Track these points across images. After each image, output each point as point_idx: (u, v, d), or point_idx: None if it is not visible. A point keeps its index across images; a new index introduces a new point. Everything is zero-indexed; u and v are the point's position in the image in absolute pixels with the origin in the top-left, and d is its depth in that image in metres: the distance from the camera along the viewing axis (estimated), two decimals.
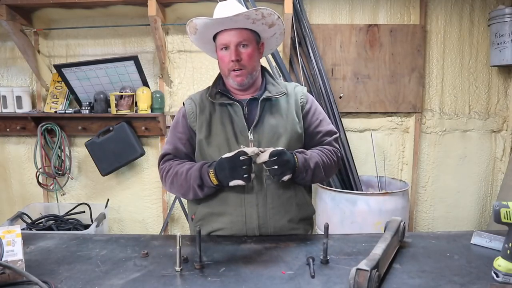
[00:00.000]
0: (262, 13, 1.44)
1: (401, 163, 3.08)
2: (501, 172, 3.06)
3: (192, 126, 1.57)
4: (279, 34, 1.58)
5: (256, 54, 1.52)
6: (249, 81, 1.52)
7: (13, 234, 1.16)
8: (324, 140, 1.60)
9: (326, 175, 1.56)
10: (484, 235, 1.40)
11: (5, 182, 3.19)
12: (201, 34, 1.52)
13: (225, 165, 1.38)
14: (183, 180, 1.48)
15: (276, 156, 1.35)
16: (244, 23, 1.46)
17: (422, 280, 1.15)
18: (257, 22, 1.47)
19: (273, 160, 1.35)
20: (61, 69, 2.77)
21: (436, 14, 2.92)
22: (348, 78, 2.93)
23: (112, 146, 2.87)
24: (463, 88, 3.01)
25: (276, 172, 1.37)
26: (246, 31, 1.48)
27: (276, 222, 1.52)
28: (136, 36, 2.99)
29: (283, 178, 1.39)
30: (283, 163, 1.37)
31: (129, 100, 2.82)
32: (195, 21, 1.47)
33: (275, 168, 1.36)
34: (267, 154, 1.35)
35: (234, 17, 1.42)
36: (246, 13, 1.42)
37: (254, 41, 1.51)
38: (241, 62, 1.47)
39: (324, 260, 1.27)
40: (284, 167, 1.38)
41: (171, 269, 1.23)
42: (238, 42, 1.46)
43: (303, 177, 1.47)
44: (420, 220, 3.13)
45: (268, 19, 1.48)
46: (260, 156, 1.36)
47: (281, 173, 1.38)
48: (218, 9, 1.53)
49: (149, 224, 3.17)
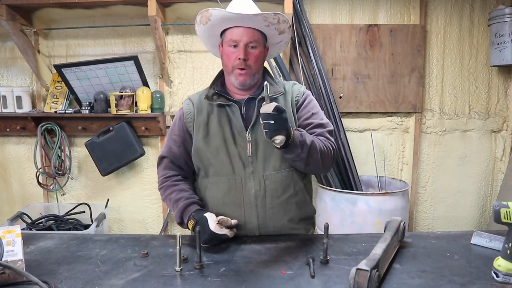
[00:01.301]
0: (279, 18, 1.46)
1: (401, 163, 3.08)
2: (501, 172, 3.06)
3: (188, 127, 1.56)
4: (284, 43, 1.60)
5: (262, 57, 1.52)
6: (251, 82, 1.51)
7: (13, 234, 1.16)
8: (314, 132, 1.52)
9: (322, 161, 1.45)
10: (484, 235, 1.40)
11: (5, 182, 3.19)
12: (212, 26, 1.50)
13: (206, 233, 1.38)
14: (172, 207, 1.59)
15: (277, 111, 1.27)
16: (260, 24, 1.46)
17: (422, 280, 1.15)
18: (271, 26, 1.48)
19: (272, 115, 1.26)
20: (61, 69, 2.77)
21: (436, 14, 2.92)
22: (348, 78, 2.93)
23: (112, 146, 2.87)
24: (463, 88, 3.00)
25: (270, 128, 1.26)
26: (258, 33, 1.48)
27: (276, 222, 1.52)
28: (136, 36, 2.99)
29: (276, 137, 1.27)
30: (280, 121, 1.27)
31: (129, 100, 2.82)
32: (211, 11, 1.45)
33: (271, 123, 1.26)
34: (273, 106, 1.27)
35: (253, 16, 1.42)
36: (266, 15, 1.43)
37: (262, 43, 1.51)
38: (247, 62, 1.47)
39: (324, 260, 1.27)
40: (280, 125, 1.27)
41: (171, 269, 1.23)
42: (248, 42, 1.46)
43: (298, 153, 1.37)
44: (420, 220, 3.13)
45: (282, 25, 1.49)
46: (265, 106, 1.28)
47: (274, 130, 1.26)
48: (234, 4, 1.52)
49: (149, 224, 3.17)
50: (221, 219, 1.41)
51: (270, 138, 1.28)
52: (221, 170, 1.50)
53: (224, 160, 1.50)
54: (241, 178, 1.49)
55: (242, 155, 1.49)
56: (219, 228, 1.38)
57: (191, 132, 1.56)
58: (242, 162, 1.49)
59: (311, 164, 1.44)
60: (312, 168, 1.48)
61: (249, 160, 1.49)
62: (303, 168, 1.48)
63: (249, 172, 1.49)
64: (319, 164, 1.46)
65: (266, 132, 1.28)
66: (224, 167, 1.50)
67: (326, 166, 1.52)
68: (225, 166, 1.50)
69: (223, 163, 1.50)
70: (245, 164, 1.49)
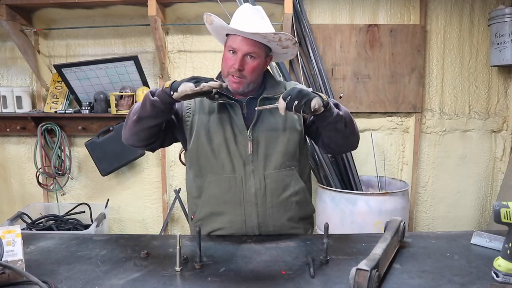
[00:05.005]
0: (280, 37, 1.44)
1: (401, 163, 3.08)
2: (501, 172, 3.06)
3: (184, 116, 1.54)
4: (290, 55, 1.58)
5: (261, 67, 1.51)
6: (244, 89, 1.50)
7: (13, 234, 1.16)
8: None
9: (355, 128, 1.46)
10: (484, 235, 1.40)
11: (5, 182, 3.19)
12: (215, 28, 1.53)
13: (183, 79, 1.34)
14: (137, 104, 1.44)
15: (288, 95, 1.27)
16: (259, 39, 1.45)
17: (422, 280, 1.15)
18: (272, 42, 1.47)
19: (289, 100, 1.26)
20: (61, 69, 2.77)
21: (436, 14, 2.92)
22: (348, 78, 2.93)
23: (112, 146, 2.87)
24: (463, 88, 3.00)
25: (300, 106, 1.25)
26: (259, 44, 1.46)
27: (275, 221, 1.52)
28: (136, 36, 2.99)
29: (311, 104, 1.25)
30: (298, 95, 1.26)
31: (129, 100, 2.82)
32: (213, 18, 1.46)
33: (296, 104, 1.25)
34: (280, 99, 1.29)
35: (250, 34, 1.41)
36: (264, 34, 1.41)
37: (263, 55, 1.49)
38: (243, 72, 1.46)
39: (324, 260, 1.27)
40: (302, 97, 1.26)
41: (171, 269, 1.23)
42: (247, 52, 1.45)
43: (337, 112, 1.36)
44: (420, 220, 3.13)
45: (284, 43, 1.47)
46: (279, 106, 1.30)
47: (305, 103, 1.25)
48: (240, 12, 1.51)
49: (149, 224, 3.17)
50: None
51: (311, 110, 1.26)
52: (221, 168, 1.50)
53: (224, 158, 1.50)
54: (242, 177, 1.49)
55: (242, 153, 1.49)
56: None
57: (183, 123, 1.54)
58: (243, 161, 1.49)
59: (349, 126, 1.43)
60: (350, 132, 1.45)
61: (249, 158, 1.49)
62: (343, 134, 1.43)
63: (250, 170, 1.49)
64: (355, 128, 1.47)
65: (303, 111, 1.27)
66: (224, 165, 1.50)
67: (358, 135, 1.52)
68: (225, 164, 1.50)
69: (224, 161, 1.50)
70: (245, 163, 1.50)
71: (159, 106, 1.36)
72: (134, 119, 1.43)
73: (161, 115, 1.41)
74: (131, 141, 1.52)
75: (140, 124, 1.43)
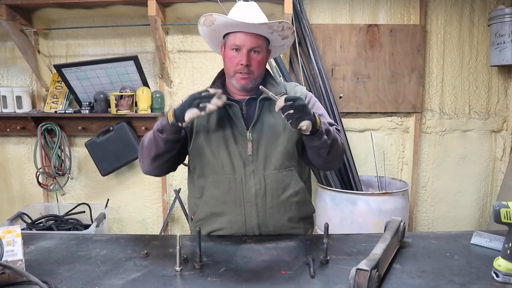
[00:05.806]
0: (283, 25, 1.46)
1: (401, 163, 3.08)
2: (501, 172, 3.06)
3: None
4: (286, 46, 1.61)
5: (264, 61, 1.53)
6: (252, 85, 1.51)
7: (13, 234, 1.16)
8: None
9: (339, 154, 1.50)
10: (484, 235, 1.40)
11: (5, 182, 3.19)
12: (215, 29, 1.51)
13: (184, 102, 1.39)
14: (148, 137, 1.50)
15: (291, 101, 1.31)
16: (264, 31, 1.47)
17: (422, 280, 1.15)
18: (275, 33, 1.49)
19: (288, 105, 1.31)
20: (61, 69, 2.77)
21: (436, 14, 2.92)
22: (348, 78, 2.93)
23: (112, 146, 2.87)
24: (463, 88, 3.01)
25: (292, 117, 1.30)
26: (261, 38, 1.48)
27: (275, 221, 1.52)
28: (136, 36, 2.99)
29: (301, 123, 1.31)
30: (299, 108, 1.30)
31: (129, 100, 2.82)
32: (215, 16, 1.45)
33: (291, 113, 1.30)
34: (283, 99, 1.31)
35: (258, 25, 1.42)
36: (271, 24, 1.43)
37: (265, 48, 1.52)
38: (250, 67, 1.47)
39: (324, 260, 1.27)
40: (300, 112, 1.31)
41: (171, 269, 1.23)
42: (251, 47, 1.46)
43: (325, 139, 1.40)
44: (420, 220, 3.13)
45: (286, 32, 1.50)
46: (277, 103, 1.32)
47: (297, 118, 1.30)
48: (237, 9, 1.52)
49: (149, 224, 3.18)
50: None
51: (296, 127, 1.32)
52: (221, 168, 1.51)
53: (224, 159, 1.50)
54: (242, 177, 1.49)
55: (242, 154, 1.49)
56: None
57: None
58: (243, 161, 1.49)
59: (332, 153, 1.46)
60: (332, 158, 1.49)
61: (249, 159, 1.49)
62: (324, 159, 1.47)
63: (250, 171, 1.49)
64: (338, 155, 1.49)
65: (291, 123, 1.31)
66: (224, 165, 1.50)
67: (341, 158, 1.56)
68: (225, 165, 1.50)
69: (224, 161, 1.50)
70: (245, 163, 1.50)
71: (171, 139, 1.45)
72: (152, 157, 1.49)
73: (176, 145, 1.49)
74: (155, 173, 1.60)
75: (159, 160, 1.50)
